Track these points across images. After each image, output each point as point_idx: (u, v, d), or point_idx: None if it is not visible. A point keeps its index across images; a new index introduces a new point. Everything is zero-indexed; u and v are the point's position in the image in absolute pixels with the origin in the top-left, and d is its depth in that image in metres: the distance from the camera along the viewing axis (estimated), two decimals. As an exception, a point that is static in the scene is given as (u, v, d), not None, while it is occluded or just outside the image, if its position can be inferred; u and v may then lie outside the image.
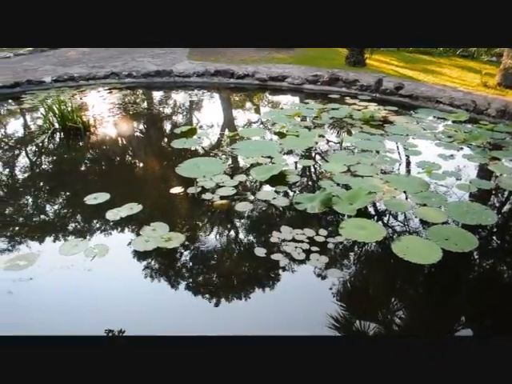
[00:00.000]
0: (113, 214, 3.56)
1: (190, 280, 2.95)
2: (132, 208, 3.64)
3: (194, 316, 2.68)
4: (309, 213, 3.69)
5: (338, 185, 4.17)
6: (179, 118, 6.54)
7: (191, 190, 3.98)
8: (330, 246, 3.27)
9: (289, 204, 3.82)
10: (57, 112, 5.58)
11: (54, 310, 2.66)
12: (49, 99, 6.52)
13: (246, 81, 8.34)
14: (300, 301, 2.86)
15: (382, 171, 4.54)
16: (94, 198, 3.81)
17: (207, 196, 3.89)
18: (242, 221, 3.64)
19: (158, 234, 3.30)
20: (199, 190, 4.00)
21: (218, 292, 2.84)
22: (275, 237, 3.34)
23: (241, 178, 4.28)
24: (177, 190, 4.01)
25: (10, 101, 7.31)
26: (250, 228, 3.57)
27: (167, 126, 6.24)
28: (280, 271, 3.02)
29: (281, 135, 5.51)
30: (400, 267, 3.14)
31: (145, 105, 7.21)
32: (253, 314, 2.73)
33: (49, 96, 7.09)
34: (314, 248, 3.23)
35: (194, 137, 5.42)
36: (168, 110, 6.95)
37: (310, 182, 4.39)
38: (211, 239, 3.39)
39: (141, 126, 6.22)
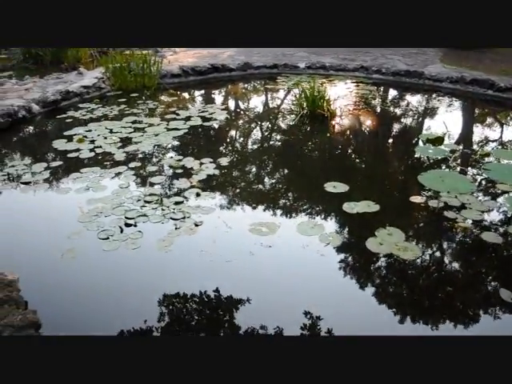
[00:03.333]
0: (349, 207, 3.55)
1: (411, 302, 2.74)
2: (369, 206, 3.57)
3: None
4: None
5: None
6: (424, 124, 6.18)
7: (433, 204, 3.70)
8: None
9: (551, 249, 3.21)
10: (309, 97, 5.86)
11: (281, 280, 2.80)
12: (301, 84, 6.92)
13: (506, 95, 7.36)
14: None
15: None
16: (334, 187, 3.87)
17: (450, 214, 3.54)
18: (488, 253, 3.21)
19: (393, 240, 3.15)
20: (442, 205, 3.68)
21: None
22: (528, 282, 2.84)
23: (492, 203, 3.78)
24: (417, 199, 3.77)
25: (266, 80, 8.05)
26: (498, 264, 3.12)
27: (410, 130, 5.96)
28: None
29: (547, 165, 4.68)
30: None
31: (390, 103, 7.04)
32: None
33: (300, 81, 7.54)
34: None
35: (441, 147, 5.03)
36: (413, 113, 6.64)
37: None
38: (450, 263, 3.09)
39: (383, 124, 6.09)
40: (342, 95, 6.96)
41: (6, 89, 6.84)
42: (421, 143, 5.11)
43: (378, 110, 6.49)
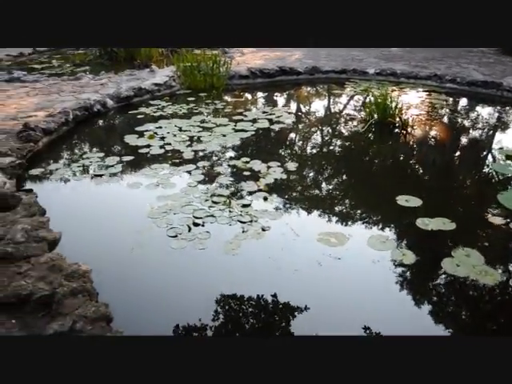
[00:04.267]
0: (423, 223, 3.37)
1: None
2: (444, 223, 3.37)
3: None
4: None
5: None
6: (502, 139, 5.80)
7: (515, 226, 3.44)
8: None
9: None
10: (379, 104, 5.68)
11: (348, 294, 2.69)
12: (370, 90, 6.74)
13: None
14: None
15: None
16: (406, 201, 3.70)
17: (534, 238, 3.29)
18: None
19: (470, 262, 2.95)
20: (525, 228, 3.42)
21: None
22: None
23: None
24: (496, 219, 3.53)
25: (333, 85, 7.91)
26: None
27: (487, 144, 5.62)
28: None
29: None
30: None
31: (465, 114, 6.69)
32: None
33: (369, 87, 7.34)
34: None
35: (522, 164, 4.70)
36: (489, 126, 6.26)
37: None
38: (534, 292, 2.85)
39: (458, 137, 5.79)
40: (413, 104, 6.70)
41: (83, 83, 7.17)
42: (499, 159, 4.79)
43: (452, 121, 6.18)
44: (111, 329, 2.27)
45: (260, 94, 7.54)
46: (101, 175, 4.09)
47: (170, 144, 4.76)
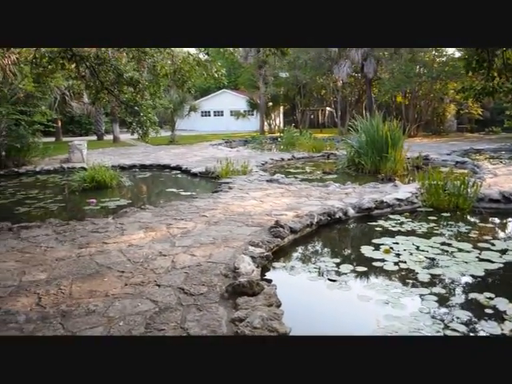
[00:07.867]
0: None
1: None
2: None
3: None
4: None
5: None
6: None
7: None
8: None
9: None
10: None
11: None
12: None
13: None
14: None
15: None
16: None
17: None
18: None
19: None
20: None
21: None
22: None
23: None
24: None
25: None
26: None
27: None
28: None
29: None
30: None
31: None
32: None
33: None
34: None
35: None
36: None
37: None
38: None
39: None
40: None
41: (330, 190, 7.86)
42: None
43: None
44: None
45: (513, 222, 6.80)
46: (334, 280, 4.29)
47: (405, 262, 4.68)
